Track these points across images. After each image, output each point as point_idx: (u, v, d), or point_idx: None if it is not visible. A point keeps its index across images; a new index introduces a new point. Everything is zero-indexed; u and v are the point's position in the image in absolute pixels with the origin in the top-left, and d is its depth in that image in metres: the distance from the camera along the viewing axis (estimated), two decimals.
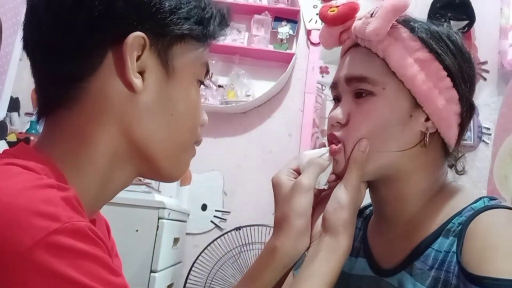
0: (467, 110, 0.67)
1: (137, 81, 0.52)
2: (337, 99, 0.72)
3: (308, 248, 0.64)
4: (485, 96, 2.35)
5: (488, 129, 2.28)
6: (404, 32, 0.66)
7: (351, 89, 0.68)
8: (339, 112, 0.67)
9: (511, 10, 2.39)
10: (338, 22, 0.70)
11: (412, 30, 0.66)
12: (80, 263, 0.39)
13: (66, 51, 0.51)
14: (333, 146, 0.68)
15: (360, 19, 0.67)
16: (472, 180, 2.12)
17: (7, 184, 0.42)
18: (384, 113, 0.65)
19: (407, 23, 0.67)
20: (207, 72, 0.61)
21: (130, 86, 0.52)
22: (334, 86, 0.72)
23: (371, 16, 0.65)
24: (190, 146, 0.60)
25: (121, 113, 0.52)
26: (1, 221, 0.38)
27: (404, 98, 0.65)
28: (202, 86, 0.61)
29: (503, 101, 1.81)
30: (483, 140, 2.27)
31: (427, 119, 0.66)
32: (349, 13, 0.69)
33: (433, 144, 0.67)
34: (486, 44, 2.36)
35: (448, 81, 0.65)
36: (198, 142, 0.61)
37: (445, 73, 0.65)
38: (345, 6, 0.69)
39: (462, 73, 0.66)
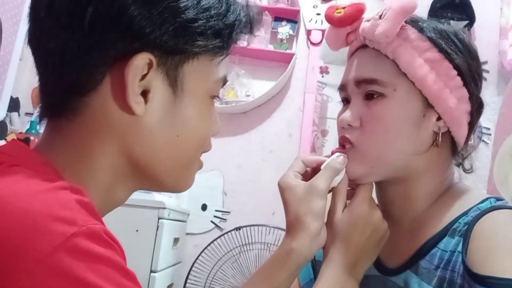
0: (477, 108, 0.68)
1: (137, 106, 0.48)
2: (345, 101, 0.72)
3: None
4: (485, 96, 2.31)
5: (488, 129, 2.28)
6: (412, 32, 0.65)
7: (361, 91, 0.67)
8: (349, 115, 0.67)
9: (511, 10, 2.38)
10: (345, 23, 0.70)
11: (420, 30, 0.66)
12: (97, 266, 0.39)
13: (71, 61, 0.47)
14: (343, 148, 0.68)
15: (368, 20, 0.66)
16: (472, 180, 2.12)
17: (19, 188, 0.41)
18: (397, 114, 0.65)
19: (415, 23, 0.67)
20: (225, 83, 0.57)
21: (129, 109, 0.48)
22: (342, 88, 0.71)
23: (380, 17, 0.64)
24: (196, 160, 0.57)
25: (121, 133, 0.49)
26: (19, 227, 0.38)
27: (416, 99, 0.65)
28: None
29: (503, 101, 1.81)
30: (483, 140, 2.28)
31: (438, 118, 0.66)
32: (356, 14, 0.69)
33: (443, 144, 0.67)
34: (486, 44, 2.36)
35: (458, 80, 0.65)
36: (207, 151, 0.58)
37: (455, 72, 0.65)
38: (351, 7, 0.69)
39: (471, 71, 0.66)
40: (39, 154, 0.50)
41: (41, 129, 0.49)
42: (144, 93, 0.49)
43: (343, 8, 0.70)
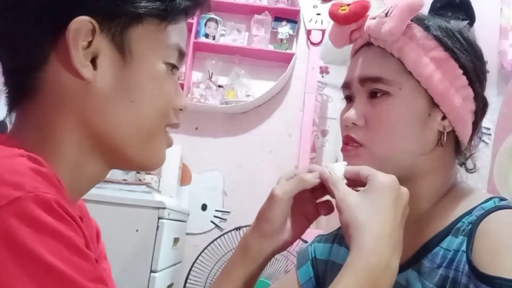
0: (482, 108, 0.67)
1: (84, 69, 0.49)
2: (348, 99, 0.71)
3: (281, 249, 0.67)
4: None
5: (488, 129, 2.28)
6: (418, 31, 0.65)
7: (366, 89, 0.67)
8: (354, 114, 0.67)
9: (511, 10, 2.39)
10: (350, 21, 0.69)
11: (426, 28, 0.66)
12: (42, 236, 0.38)
13: (17, 38, 0.49)
14: (348, 147, 0.68)
15: (373, 18, 0.66)
16: (472, 180, 2.11)
17: None
18: (402, 113, 0.65)
19: (421, 21, 0.66)
20: (181, 54, 0.57)
21: (79, 75, 0.49)
22: (346, 86, 0.71)
23: (386, 15, 0.64)
24: (160, 132, 0.56)
25: (78, 103, 0.50)
26: None
27: (421, 98, 0.65)
28: (179, 70, 0.58)
29: (503, 101, 1.81)
30: (483, 140, 2.27)
31: (443, 118, 0.65)
32: (361, 11, 0.68)
33: (448, 143, 0.67)
34: (486, 44, 2.34)
35: (464, 79, 0.65)
36: (173, 126, 0.58)
37: (461, 71, 0.64)
38: (356, 4, 0.69)
39: (476, 70, 0.66)
40: (10, 140, 0.50)
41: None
42: (94, 60, 0.50)
43: (348, 5, 0.69)
